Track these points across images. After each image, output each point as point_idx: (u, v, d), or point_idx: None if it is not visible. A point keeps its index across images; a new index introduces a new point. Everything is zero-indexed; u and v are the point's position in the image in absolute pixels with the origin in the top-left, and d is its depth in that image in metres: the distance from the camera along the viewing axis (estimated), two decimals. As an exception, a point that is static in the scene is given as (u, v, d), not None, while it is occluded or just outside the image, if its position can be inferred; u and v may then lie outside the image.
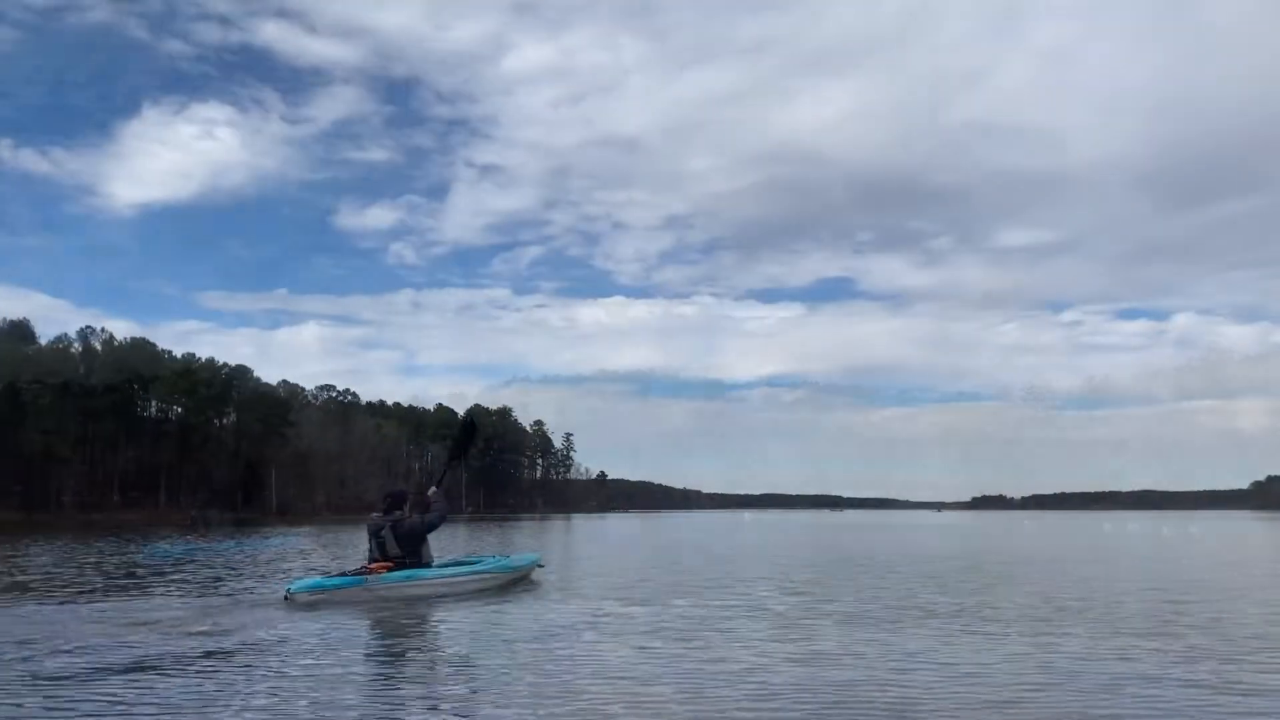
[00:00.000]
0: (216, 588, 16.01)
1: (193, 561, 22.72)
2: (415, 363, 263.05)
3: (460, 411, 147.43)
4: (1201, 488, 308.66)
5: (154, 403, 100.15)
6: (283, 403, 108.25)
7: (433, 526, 14.78)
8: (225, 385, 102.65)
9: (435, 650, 10.04)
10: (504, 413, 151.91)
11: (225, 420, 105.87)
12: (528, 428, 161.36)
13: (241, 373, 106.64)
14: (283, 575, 18.16)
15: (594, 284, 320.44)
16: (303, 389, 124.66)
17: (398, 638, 10.91)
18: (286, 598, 13.24)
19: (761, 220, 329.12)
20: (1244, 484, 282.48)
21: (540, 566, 18.00)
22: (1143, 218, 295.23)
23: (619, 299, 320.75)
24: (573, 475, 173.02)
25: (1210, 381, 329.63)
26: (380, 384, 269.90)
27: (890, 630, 10.80)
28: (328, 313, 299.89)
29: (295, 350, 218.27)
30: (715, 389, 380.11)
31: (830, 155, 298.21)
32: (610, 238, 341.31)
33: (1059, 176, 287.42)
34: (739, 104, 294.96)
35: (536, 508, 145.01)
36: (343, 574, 14.28)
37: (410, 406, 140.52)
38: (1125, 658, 9.15)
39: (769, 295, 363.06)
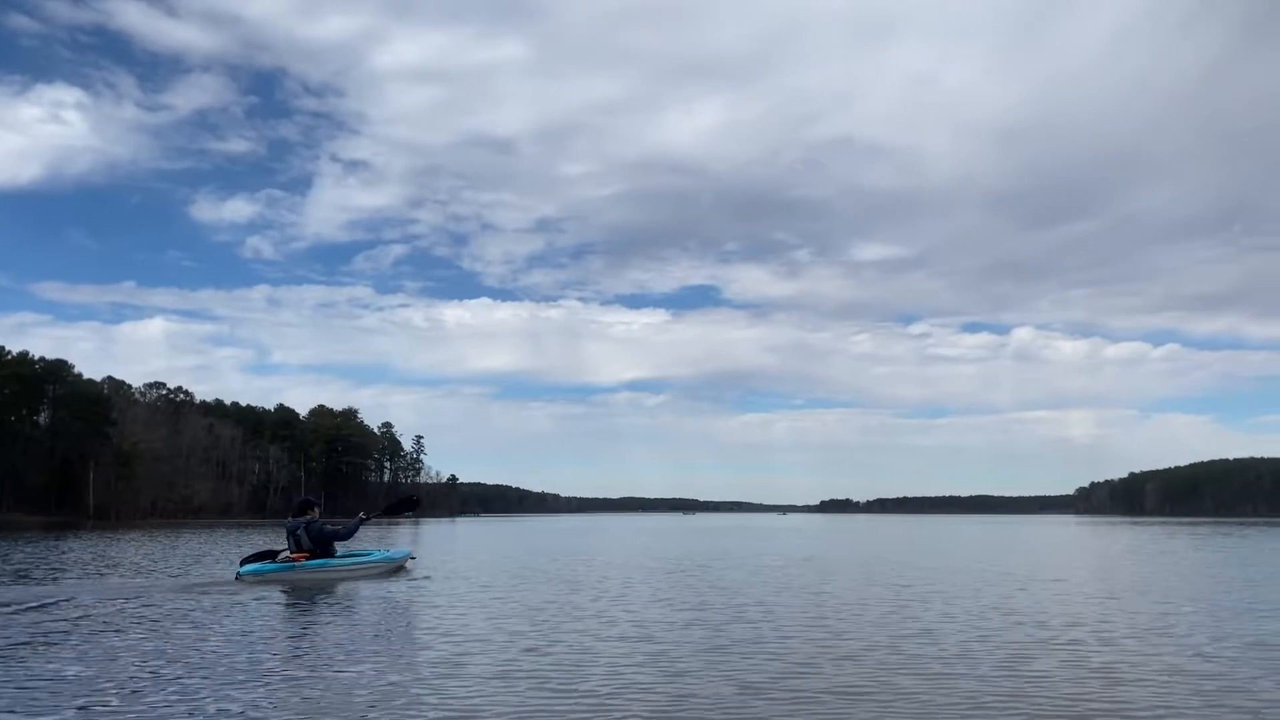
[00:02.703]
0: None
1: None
2: (269, 361, 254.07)
3: (303, 413, 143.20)
4: (1033, 493, 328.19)
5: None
6: (104, 400, 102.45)
7: (342, 538, 19.39)
8: (38, 380, 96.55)
9: (343, 612, 13.60)
10: (349, 414, 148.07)
11: (39, 417, 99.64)
12: (375, 429, 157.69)
13: (59, 367, 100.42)
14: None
15: (460, 285, 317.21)
16: (129, 386, 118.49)
17: (320, 604, 14.60)
18: (238, 578, 17.47)
19: (631, 227, 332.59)
20: (1070, 490, 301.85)
21: (412, 559, 22.30)
22: (989, 237, 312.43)
23: (485, 300, 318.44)
24: (423, 478, 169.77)
25: (1044, 393, 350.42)
26: (230, 382, 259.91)
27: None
28: (177, 307, 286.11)
29: (139, 346, 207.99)
30: (579, 393, 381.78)
31: (700, 166, 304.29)
32: (478, 239, 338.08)
33: (914, 195, 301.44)
34: (614, 111, 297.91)
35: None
36: (276, 561, 18.19)
37: (249, 406, 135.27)
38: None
39: (636, 301, 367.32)
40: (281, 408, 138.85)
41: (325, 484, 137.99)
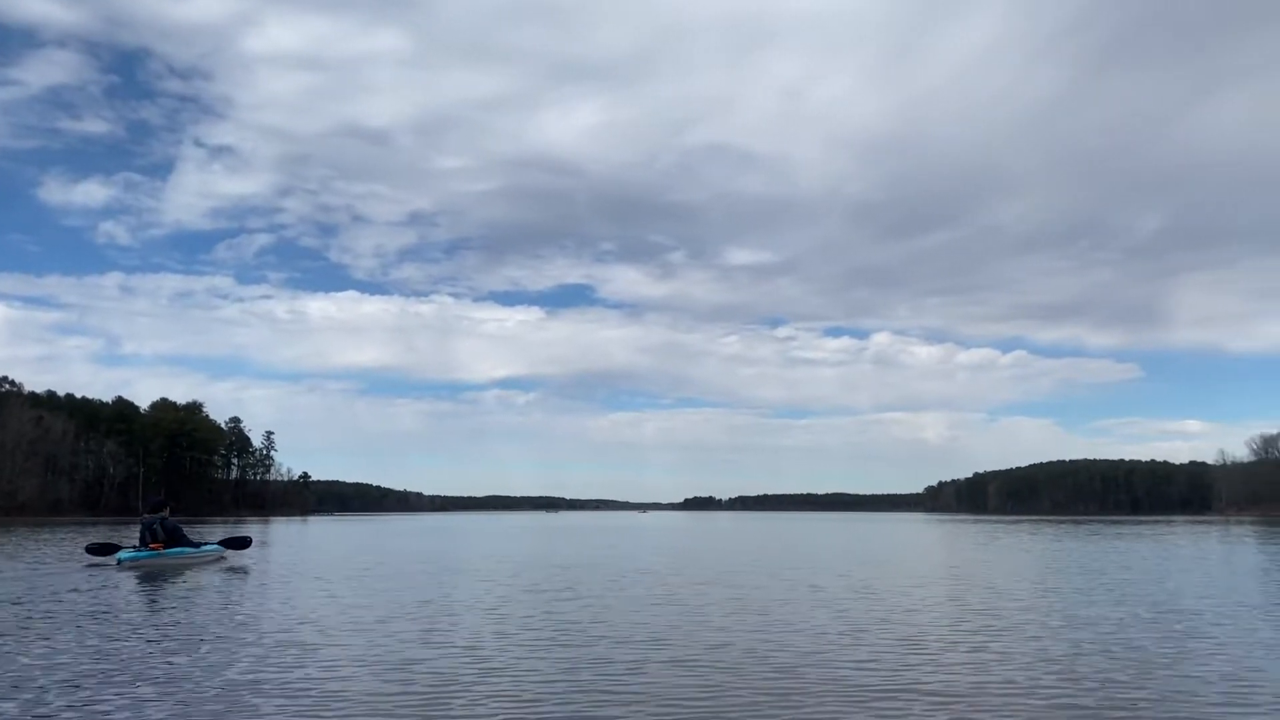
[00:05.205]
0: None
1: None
2: (120, 352, 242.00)
3: (144, 406, 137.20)
4: (886, 491, 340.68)
5: None
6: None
7: (188, 541, 25.24)
8: None
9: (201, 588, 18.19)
10: (194, 408, 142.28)
11: None
12: (223, 424, 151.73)
13: None
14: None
15: (327, 277, 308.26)
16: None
17: (180, 581, 19.46)
18: (118, 563, 22.95)
19: (507, 223, 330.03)
20: (920, 489, 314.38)
21: (236, 550, 27.91)
22: (852, 245, 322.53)
23: (353, 294, 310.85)
24: (273, 476, 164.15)
25: (900, 396, 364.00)
26: (76, 374, 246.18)
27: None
28: (19, 293, 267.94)
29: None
30: (448, 390, 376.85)
31: (578, 166, 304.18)
32: (348, 230, 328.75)
33: (783, 203, 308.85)
34: (493, 107, 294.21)
35: (228, 510, 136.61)
36: (145, 549, 23.82)
37: (84, 399, 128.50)
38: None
39: (509, 298, 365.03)
40: (120, 400, 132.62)
41: (166, 481, 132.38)
